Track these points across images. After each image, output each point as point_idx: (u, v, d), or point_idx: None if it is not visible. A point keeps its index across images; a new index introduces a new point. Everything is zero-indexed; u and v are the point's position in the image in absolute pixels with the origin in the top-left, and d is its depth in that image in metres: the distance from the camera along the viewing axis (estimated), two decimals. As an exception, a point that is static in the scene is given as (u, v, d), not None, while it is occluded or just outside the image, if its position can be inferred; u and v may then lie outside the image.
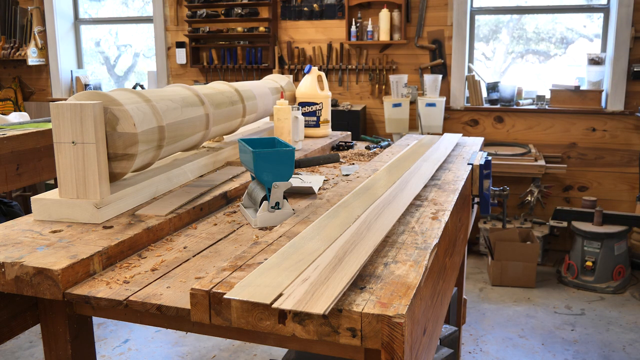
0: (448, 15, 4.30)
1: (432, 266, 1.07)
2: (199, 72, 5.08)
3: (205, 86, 1.86)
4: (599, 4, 4.17)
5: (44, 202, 1.28)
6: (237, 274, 0.94)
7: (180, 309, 0.94)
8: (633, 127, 4.03)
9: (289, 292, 0.85)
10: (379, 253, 1.05)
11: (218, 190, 1.54)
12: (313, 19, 4.66)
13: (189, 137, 1.59)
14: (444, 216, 1.29)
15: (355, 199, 1.36)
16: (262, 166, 1.29)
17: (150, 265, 1.11)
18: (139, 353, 2.82)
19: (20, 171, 2.54)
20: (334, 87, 4.66)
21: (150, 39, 5.44)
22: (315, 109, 2.44)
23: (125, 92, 1.37)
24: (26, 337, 2.94)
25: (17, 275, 1.02)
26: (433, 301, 1.13)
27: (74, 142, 1.24)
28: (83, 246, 1.10)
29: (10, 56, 5.46)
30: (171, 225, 1.30)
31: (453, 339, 2.20)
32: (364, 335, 0.82)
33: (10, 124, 2.84)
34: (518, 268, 3.60)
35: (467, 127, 4.37)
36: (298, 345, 0.94)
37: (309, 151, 2.12)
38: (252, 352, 2.83)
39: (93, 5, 5.71)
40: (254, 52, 4.83)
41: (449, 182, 1.63)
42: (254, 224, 1.34)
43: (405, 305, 0.83)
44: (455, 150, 2.18)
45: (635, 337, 3.00)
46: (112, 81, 5.82)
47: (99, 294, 0.99)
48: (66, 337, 1.13)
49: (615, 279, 3.58)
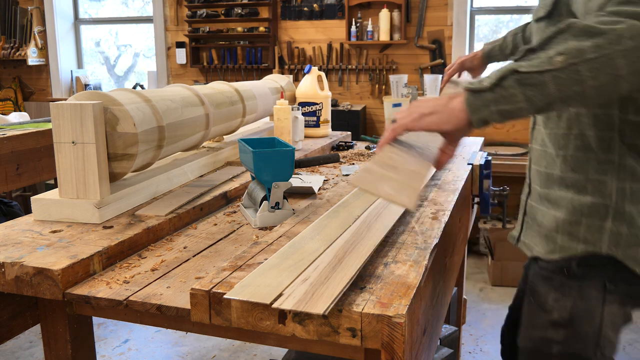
0: (448, 15, 4.31)
1: (432, 266, 1.07)
2: (199, 72, 5.08)
3: (205, 86, 1.86)
4: (599, 4, 4.17)
5: (44, 202, 1.28)
6: (237, 274, 0.94)
7: (180, 309, 0.94)
8: (633, 127, 4.03)
9: (289, 292, 0.85)
10: (379, 253, 1.05)
11: (218, 190, 1.54)
12: (313, 19, 4.66)
13: (189, 137, 1.59)
14: (444, 216, 1.29)
15: (355, 199, 1.36)
16: (262, 166, 1.29)
17: (150, 265, 1.11)
18: (139, 353, 2.82)
19: (20, 171, 2.55)
20: (334, 87, 4.67)
21: (150, 39, 5.44)
22: (315, 109, 2.44)
23: (125, 92, 1.37)
24: (26, 337, 2.94)
25: (17, 275, 1.02)
26: (433, 301, 1.13)
27: (74, 142, 1.24)
28: (83, 246, 1.10)
29: (10, 56, 5.46)
30: (171, 225, 1.30)
31: (453, 339, 2.20)
32: (364, 335, 0.82)
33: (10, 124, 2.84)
34: (518, 268, 3.59)
35: (467, 127, 4.37)
36: (298, 345, 0.95)
37: (309, 151, 2.12)
38: (252, 352, 2.83)
39: (93, 5, 5.71)
40: (254, 52, 4.84)
41: (449, 182, 1.63)
42: (254, 224, 1.34)
43: (405, 305, 0.83)
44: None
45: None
46: (112, 81, 5.82)
47: (99, 294, 0.99)
48: (66, 337, 1.13)
49: (615, 279, 3.58)
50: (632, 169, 1.02)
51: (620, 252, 1.04)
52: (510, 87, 0.82)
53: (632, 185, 1.03)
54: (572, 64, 0.79)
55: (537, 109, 0.84)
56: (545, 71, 0.80)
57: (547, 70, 0.80)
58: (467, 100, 0.85)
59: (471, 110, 0.85)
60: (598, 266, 1.06)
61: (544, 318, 1.12)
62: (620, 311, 1.07)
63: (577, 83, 0.80)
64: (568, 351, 1.10)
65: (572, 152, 1.07)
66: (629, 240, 1.04)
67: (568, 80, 0.80)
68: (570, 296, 1.08)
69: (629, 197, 1.03)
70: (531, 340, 1.16)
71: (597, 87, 0.80)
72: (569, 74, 0.80)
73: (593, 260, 1.06)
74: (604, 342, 1.07)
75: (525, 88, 0.81)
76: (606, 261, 1.06)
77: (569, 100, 0.83)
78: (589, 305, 1.07)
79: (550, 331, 1.11)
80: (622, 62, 0.78)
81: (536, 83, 0.81)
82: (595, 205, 1.05)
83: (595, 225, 1.05)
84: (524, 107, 0.83)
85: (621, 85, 0.81)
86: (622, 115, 1.01)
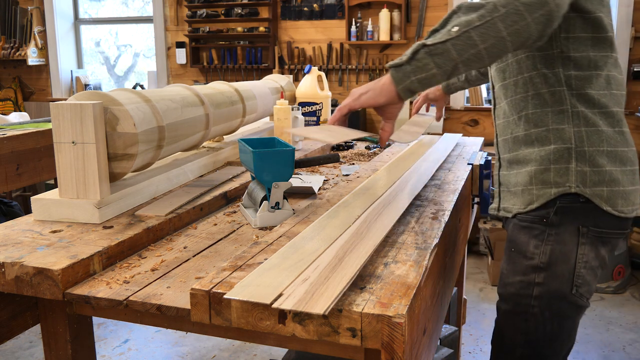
0: (448, 15, 4.30)
1: (432, 266, 1.07)
2: (199, 72, 5.08)
3: (205, 86, 1.86)
4: (599, 4, 4.17)
5: (44, 202, 1.28)
6: (237, 274, 0.94)
7: (180, 309, 0.94)
8: (633, 127, 4.03)
9: (289, 292, 0.85)
10: (379, 253, 1.05)
11: (218, 190, 1.54)
12: (313, 19, 4.66)
13: (189, 137, 1.59)
14: (444, 216, 1.29)
15: (355, 199, 1.37)
16: (262, 166, 1.29)
17: (150, 265, 1.11)
18: (139, 353, 2.82)
19: (20, 171, 2.55)
20: (334, 87, 4.67)
21: (150, 39, 5.44)
22: (315, 109, 2.44)
23: (125, 92, 1.37)
24: (26, 337, 2.94)
25: (17, 275, 1.02)
26: (433, 301, 1.13)
27: (74, 142, 1.24)
28: (83, 246, 1.10)
29: (10, 56, 5.47)
30: (171, 225, 1.30)
31: (453, 339, 2.20)
32: (364, 335, 0.82)
33: (10, 124, 2.84)
34: (518, 268, 3.59)
35: (467, 127, 4.37)
36: (298, 345, 0.95)
37: (309, 151, 2.12)
38: (252, 352, 2.83)
39: (93, 5, 5.71)
40: (254, 52, 4.84)
41: (449, 182, 1.63)
42: (254, 224, 1.34)
43: (405, 305, 0.83)
44: (455, 150, 2.18)
45: (635, 337, 3.00)
46: (112, 81, 5.82)
47: (99, 294, 0.99)
48: (66, 337, 1.13)
49: (615, 279, 3.58)
50: (584, 114, 1.22)
51: (588, 190, 1.22)
52: (423, 58, 1.01)
53: (586, 129, 1.21)
54: (464, 32, 0.99)
55: (447, 73, 1.02)
56: (446, 40, 1.00)
57: (447, 40, 0.99)
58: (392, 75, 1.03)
59: (396, 82, 1.03)
60: (571, 213, 1.23)
61: (525, 264, 1.27)
62: (592, 252, 1.24)
63: (472, 46, 0.99)
64: (547, 290, 1.25)
65: (531, 110, 1.26)
66: (593, 178, 1.21)
67: (464, 45, 0.99)
68: (549, 242, 1.24)
69: (585, 139, 1.22)
70: (512, 286, 1.31)
71: (487, 48, 1.00)
72: (464, 40, 0.99)
73: (567, 208, 1.23)
74: (578, 281, 1.24)
75: (434, 57, 1.00)
76: (578, 206, 1.23)
77: (469, 62, 1.01)
78: (566, 248, 1.24)
79: (531, 275, 1.26)
80: (502, 26, 0.98)
81: (441, 51, 1.00)
82: (559, 150, 1.23)
83: (562, 168, 1.23)
84: (437, 73, 1.01)
85: (506, 45, 1.00)
86: (566, 72, 1.21)
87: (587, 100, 1.22)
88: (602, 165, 1.22)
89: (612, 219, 1.24)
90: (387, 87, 1.04)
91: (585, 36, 1.19)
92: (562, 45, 1.20)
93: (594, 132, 1.22)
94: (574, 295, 1.25)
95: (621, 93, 1.26)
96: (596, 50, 1.20)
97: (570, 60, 1.21)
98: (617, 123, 1.24)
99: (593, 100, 1.22)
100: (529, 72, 1.25)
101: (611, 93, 1.23)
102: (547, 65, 1.22)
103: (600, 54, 1.21)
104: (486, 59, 1.02)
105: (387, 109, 1.08)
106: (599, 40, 1.20)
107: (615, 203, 1.23)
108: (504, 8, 0.98)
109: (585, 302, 1.27)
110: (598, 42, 1.20)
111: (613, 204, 1.22)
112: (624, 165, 1.24)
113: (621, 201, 1.23)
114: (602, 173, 1.22)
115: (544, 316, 1.27)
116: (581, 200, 1.23)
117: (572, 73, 1.21)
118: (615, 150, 1.23)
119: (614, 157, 1.23)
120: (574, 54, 1.20)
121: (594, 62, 1.21)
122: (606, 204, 1.22)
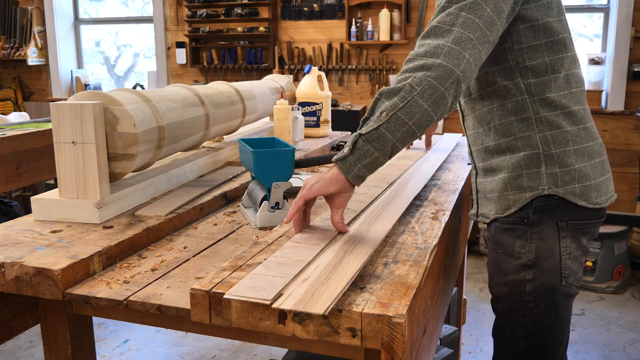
0: (448, 15, 4.30)
1: (432, 266, 1.07)
2: (199, 72, 5.08)
3: (205, 86, 1.86)
4: (599, 4, 4.17)
5: (44, 202, 1.28)
6: (237, 274, 0.94)
7: (180, 309, 0.94)
8: (633, 127, 4.03)
9: (289, 292, 0.85)
10: (379, 253, 1.05)
11: (218, 190, 1.54)
12: (313, 19, 4.66)
13: (189, 137, 1.59)
14: (444, 216, 1.29)
15: (355, 198, 1.37)
16: (262, 166, 1.29)
17: (150, 265, 1.11)
18: (139, 353, 2.82)
19: (20, 171, 2.55)
20: (334, 87, 4.67)
21: (150, 39, 5.44)
22: (315, 109, 2.44)
23: (125, 92, 1.37)
24: (26, 337, 2.94)
25: (17, 275, 1.02)
26: (433, 301, 1.13)
27: (74, 142, 1.24)
28: (83, 246, 1.10)
29: (10, 56, 5.46)
30: (171, 225, 1.30)
31: (453, 339, 2.20)
32: (364, 335, 0.82)
33: (10, 124, 2.84)
34: (518, 268, 3.59)
35: (467, 127, 4.37)
36: (298, 345, 0.95)
37: (309, 151, 2.12)
38: (252, 352, 2.83)
39: (93, 5, 5.71)
40: (254, 52, 4.84)
41: (449, 182, 1.63)
42: (254, 224, 1.34)
43: (405, 305, 0.83)
44: (455, 150, 2.18)
45: (635, 337, 3.00)
46: (112, 81, 5.82)
47: (99, 294, 0.99)
48: (66, 337, 1.13)
49: (615, 279, 3.58)
50: (547, 118, 1.27)
51: (560, 190, 1.27)
52: (362, 146, 1.08)
53: (550, 132, 1.27)
54: (392, 115, 1.07)
55: (387, 153, 1.09)
56: (379, 126, 1.07)
57: (380, 125, 1.07)
58: (340, 167, 1.10)
59: (345, 172, 1.09)
60: (549, 210, 1.29)
61: (514, 263, 1.33)
62: (573, 243, 1.31)
63: (402, 125, 1.07)
64: (539, 285, 1.31)
65: (498, 121, 1.32)
66: (564, 178, 1.27)
67: (395, 125, 1.07)
68: (533, 240, 1.30)
69: (551, 142, 1.27)
70: (505, 285, 1.35)
71: (415, 123, 1.08)
72: (393, 122, 1.07)
73: (544, 206, 1.29)
74: (565, 272, 1.31)
75: (372, 143, 1.08)
76: (555, 203, 1.29)
77: (403, 139, 1.09)
78: (549, 244, 1.30)
79: (522, 273, 1.32)
80: (421, 101, 1.07)
81: (376, 137, 1.08)
82: (529, 156, 1.29)
83: (534, 172, 1.29)
84: (378, 156, 1.08)
85: (430, 115, 1.08)
86: (525, 80, 1.27)
87: (548, 104, 1.27)
88: (571, 164, 1.27)
89: (588, 211, 1.30)
90: (336, 177, 1.10)
91: (538, 43, 1.24)
92: (517, 56, 1.25)
93: (559, 134, 1.27)
94: (564, 286, 1.31)
95: (580, 89, 1.31)
96: (551, 54, 1.26)
97: (527, 69, 1.26)
98: (580, 120, 1.29)
99: (554, 103, 1.27)
100: (491, 86, 1.31)
101: (571, 92, 1.28)
102: (506, 77, 1.28)
103: (556, 57, 1.26)
104: (417, 131, 1.09)
105: (337, 198, 1.12)
106: (552, 44, 1.25)
107: (589, 197, 1.28)
108: (419, 86, 1.07)
109: (575, 289, 1.34)
110: (552, 45, 1.25)
111: (587, 198, 1.28)
112: (592, 159, 1.29)
113: (594, 194, 1.29)
114: (572, 172, 1.27)
115: (540, 309, 1.32)
116: (555, 198, 1.28)
117: (531, 81, 1.26)
118: (581, 147, 1.28)
119: (581, 153, 1.28)
120: (530, 62, 1.26)
121: (551, 65, 1.26)
122: (580, 199, 1.28)
